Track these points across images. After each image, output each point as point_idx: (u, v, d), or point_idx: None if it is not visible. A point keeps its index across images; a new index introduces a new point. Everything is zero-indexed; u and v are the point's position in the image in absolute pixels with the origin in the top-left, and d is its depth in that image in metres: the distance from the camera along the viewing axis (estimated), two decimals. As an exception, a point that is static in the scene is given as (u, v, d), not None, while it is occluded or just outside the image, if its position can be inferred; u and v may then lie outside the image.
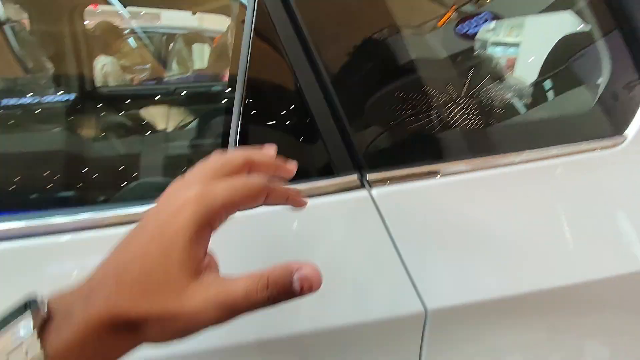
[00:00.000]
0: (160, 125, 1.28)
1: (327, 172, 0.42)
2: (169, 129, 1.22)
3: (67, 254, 0.38)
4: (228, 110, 0.42)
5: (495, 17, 0.73)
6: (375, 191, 0.42)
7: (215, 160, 0.25)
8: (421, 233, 0.42)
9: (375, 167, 0.43)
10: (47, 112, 1.18)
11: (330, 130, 0.42)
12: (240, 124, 0.41)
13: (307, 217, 0.40)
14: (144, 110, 1.37)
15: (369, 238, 0.40)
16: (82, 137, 1.04)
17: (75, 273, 0.37)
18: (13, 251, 0.36)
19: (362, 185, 0.42)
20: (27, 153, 0.81)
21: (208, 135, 0.80)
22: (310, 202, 0.40)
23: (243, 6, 0.42)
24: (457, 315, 0.40)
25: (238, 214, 0.24)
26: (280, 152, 0.45)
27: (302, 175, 0.43)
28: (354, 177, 0.42)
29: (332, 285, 0.38)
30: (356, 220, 0.41)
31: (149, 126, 1.27)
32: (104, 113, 1.22)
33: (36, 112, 1.14)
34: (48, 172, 0.72)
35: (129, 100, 1.47)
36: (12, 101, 1.11)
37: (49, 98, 1.22)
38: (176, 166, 0.80)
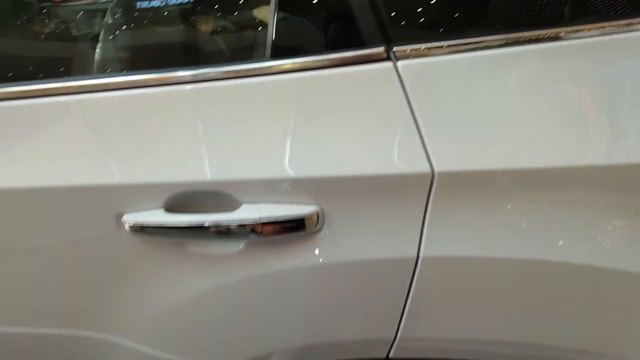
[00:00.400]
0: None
1: (357, 44, 0.46)
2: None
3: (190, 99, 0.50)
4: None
5: None
6: (400, 63, 0.45)
7: None
8: (441, 103, 0.44)
9: (403, 41, 0.45)
10: (171, 12, 1.35)
11: (360, 2, 0.45)
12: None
13: (325, 84, 0.46)
14: (256, 10, 1.46)
15: (387, 104, 0.44)
16: (203, 32, 1.19)
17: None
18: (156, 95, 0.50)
19: (389, 58, 0.45)
20: (159, 45, 0.97)
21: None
22: (334, 71, 0.46)
23: None
24: (463, 180, 0.43)
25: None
26: (312, 25, 0.50)
27: (331, 47, 0.48)
28: (380, 50, 0.45)
29: (344, 140, 0.45)
30: (377, 88, 0.45)
31: (262, 23, 1.35)
32: (219, 13, 1.35)
33: (163, 13, 1.32)
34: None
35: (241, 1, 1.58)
36: (144, 4, 1.31)
37: (172, 1, 1.39)
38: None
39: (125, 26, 1.11)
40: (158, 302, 0.56)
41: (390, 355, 0.54)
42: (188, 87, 0.48)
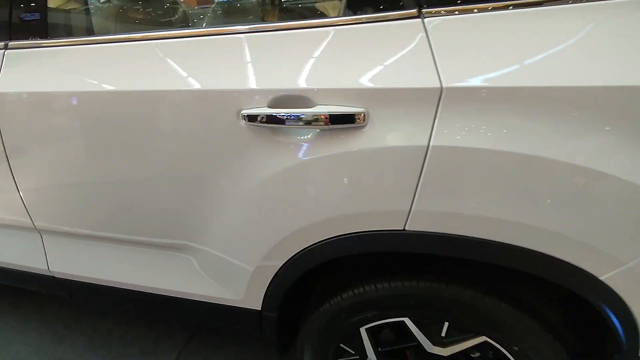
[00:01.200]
0: (332, 14, 1.65)
1: (397, 8, 0.71)
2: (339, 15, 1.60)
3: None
4: None
5: None
6: (427, 19, 0.70)
7: None
8: (451, 44, 0.68)
9: (431, 5, 0.70)
10: (244, 5, 1.69)
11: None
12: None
13: (372, 32, 0.71)
14: (319, 4, 1.77)
15: (413, 44, 0.69)
16: (268, 21, 1.51)
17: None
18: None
19: (419, 16, 0.70)
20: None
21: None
22: (379, 24, 0.71)
23: None
24: (464, 94, 0.66)
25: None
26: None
27: (380, 8, 0.73)
28: (413, 11, 0.70)
29: (382, 65, 0.69)
30: (407, 35, 0.70)
31: (324, 14, 1.64)
32: (285, 5, 1.66)
33: (237, 5, 1.66)
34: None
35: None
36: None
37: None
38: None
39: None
40: (250, 180, 0.83)
41: (406, 227, 0.77)
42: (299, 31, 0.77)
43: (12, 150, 1.02)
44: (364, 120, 0.71)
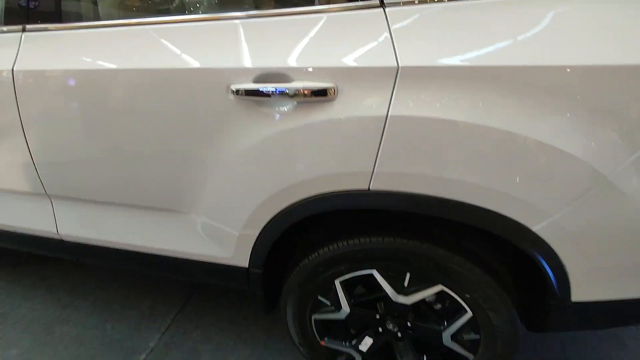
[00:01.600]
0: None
1: (364, -2, 0.85)
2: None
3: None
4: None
5: None
6: (388, 9, 0.83)
7: None
8: (408, 29, 0.81)
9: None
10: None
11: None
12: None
13: (339, 19, 0.84)
14: None
15: (374, 29, 0.82)
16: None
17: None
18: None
19: (381, 6, 0.83)
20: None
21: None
22: (345, 13, 0.84)
23: None
24: (417, 72, 0.80)
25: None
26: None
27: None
28: (376, 1, 0.83)
29: (348, 46, 0.82)
30: (370, 21, 0.83)
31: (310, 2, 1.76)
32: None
33: None
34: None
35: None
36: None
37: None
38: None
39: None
40: (236, 149, 0.96)
41: (370, 187, 0.90)
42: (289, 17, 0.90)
43: (27, 123, 1.14)
44: (334, 94, 0.85)
